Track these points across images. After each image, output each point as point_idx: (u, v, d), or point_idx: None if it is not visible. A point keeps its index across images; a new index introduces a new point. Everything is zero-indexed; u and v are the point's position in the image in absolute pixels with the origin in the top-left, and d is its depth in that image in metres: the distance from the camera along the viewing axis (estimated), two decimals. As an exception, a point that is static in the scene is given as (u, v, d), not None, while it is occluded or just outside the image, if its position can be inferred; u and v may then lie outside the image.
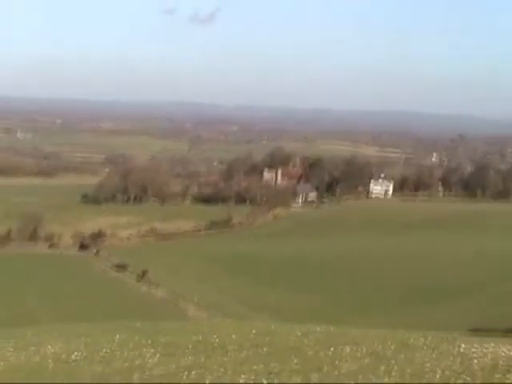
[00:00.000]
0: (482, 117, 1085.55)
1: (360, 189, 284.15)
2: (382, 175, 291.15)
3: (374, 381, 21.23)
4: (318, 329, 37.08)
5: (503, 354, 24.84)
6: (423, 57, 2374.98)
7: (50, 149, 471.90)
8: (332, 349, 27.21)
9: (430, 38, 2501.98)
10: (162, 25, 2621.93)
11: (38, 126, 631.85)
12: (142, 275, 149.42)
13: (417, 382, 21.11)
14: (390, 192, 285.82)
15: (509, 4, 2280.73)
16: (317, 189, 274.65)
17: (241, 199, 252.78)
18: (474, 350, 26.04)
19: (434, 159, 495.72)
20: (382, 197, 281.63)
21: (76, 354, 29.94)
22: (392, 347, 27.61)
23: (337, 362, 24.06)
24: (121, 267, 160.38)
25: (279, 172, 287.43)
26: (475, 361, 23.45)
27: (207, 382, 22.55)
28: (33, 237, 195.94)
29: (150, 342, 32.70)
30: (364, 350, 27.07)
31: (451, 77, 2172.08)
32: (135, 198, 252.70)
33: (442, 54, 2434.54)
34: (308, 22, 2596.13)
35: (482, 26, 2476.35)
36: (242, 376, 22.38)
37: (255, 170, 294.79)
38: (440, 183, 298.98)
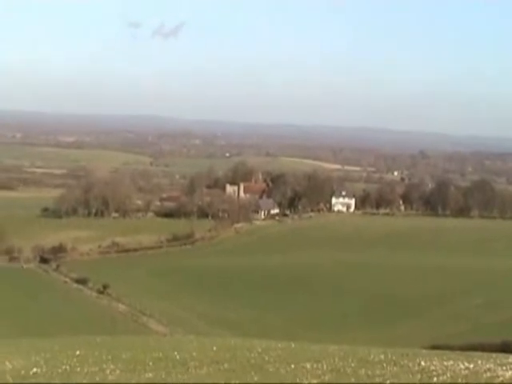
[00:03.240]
0: (442, 133, 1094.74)
1: (322, 204, 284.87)
2: (344, 192, 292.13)
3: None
4: (279, 345, 37.14)
5: (462, 372, 25.03)
6: (383, 72, 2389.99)
7: (10, 162, 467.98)
8: (293, 365, 27.25)
9: (389, 53, 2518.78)
10: (126, 38, 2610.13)
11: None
12: (103, 290, 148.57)
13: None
14: (352, 208, 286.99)
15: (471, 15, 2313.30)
16: (279, 204, 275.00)
17: (203, 214, 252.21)
18: (433, 367, 26.23)
19: (395, 175, 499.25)
20: (345, 212, 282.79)
21: (35, 369, 29.68)
22: (353, 364, 27.70)
23: (297, 379, 24.08)
24: (81, 281, 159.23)
25: (241, 187, 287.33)
26: (435, 378, 23.61)
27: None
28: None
29: (110, 357, 32.52)
30: (325, 366, 27.14)
31: (412, 93, 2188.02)
32: (96, 212, 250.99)
33: (403, 70, 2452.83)
34: (269, 38, 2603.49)
35: (445, 42, 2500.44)
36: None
37: (217, 184, 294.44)
38: (401, 199, 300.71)
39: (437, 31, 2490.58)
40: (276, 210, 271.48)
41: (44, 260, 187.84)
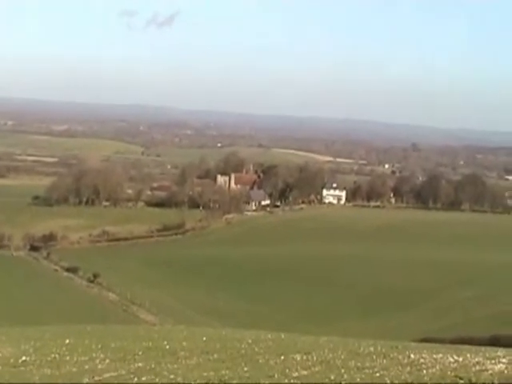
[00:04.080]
0: (433, 126, 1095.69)
1: (313, 196, 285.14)
2: (335, 184, 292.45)
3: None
4: (269, 336, 37.16)
5: (451, 365, 25.11)
6: (375, 65, 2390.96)
7: (1, 149, 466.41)
8: (282, 357, 27.28)
9: (380, 44, 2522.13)
10: (120, 26, 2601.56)
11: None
12: (93, 278, 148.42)
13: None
14: (343, 200, 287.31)
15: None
16: (270, 195, 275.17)
17: (194, 204, 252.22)
18: (422, 360, 26.30)
19: (386, 168, 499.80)
20: (335, 204, 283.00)
21: (24, 358, 29.64)
22: (342, 356, 27.75)
23: (287, 370, 24.10)
24: (72, 270, 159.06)
25: (232, 177, 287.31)
26: (424, 371, 23.67)
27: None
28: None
29: (100, 346, 32.51)
30: (315, 358, 27.18)
31: (403, 86, 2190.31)
32: (87, 201, 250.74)
33: (394, 63, 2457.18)
34: (265, 27, 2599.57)
35: (432, 36, 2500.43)
36: (192, 383, 22.33)
37: (209, 174, 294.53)
38: (392, 192, 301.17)
39: (427, 25, 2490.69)
40: (267, 202, 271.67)
41: (34, 248, 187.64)
